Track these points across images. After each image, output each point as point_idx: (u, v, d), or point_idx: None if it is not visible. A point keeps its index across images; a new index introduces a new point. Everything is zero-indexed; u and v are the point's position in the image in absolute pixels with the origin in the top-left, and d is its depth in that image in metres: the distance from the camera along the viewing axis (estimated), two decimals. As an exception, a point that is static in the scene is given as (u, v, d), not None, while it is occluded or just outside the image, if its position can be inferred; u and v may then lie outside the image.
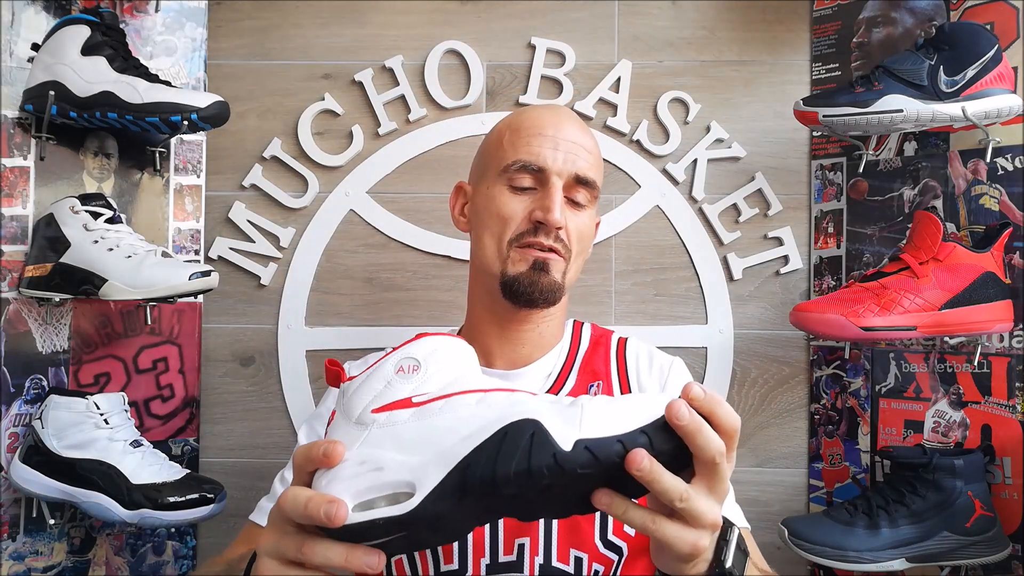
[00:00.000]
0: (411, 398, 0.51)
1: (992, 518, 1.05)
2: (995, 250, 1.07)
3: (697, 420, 0.47)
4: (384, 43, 1.33)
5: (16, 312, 1.10)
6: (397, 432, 0.50)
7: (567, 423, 0.47)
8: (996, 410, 1.11)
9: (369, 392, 0.52)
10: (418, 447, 0.48)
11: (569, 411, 0.48)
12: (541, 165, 0.82)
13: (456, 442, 0.48)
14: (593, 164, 0.86)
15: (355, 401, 0.52)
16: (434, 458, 0.47)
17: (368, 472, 0.48)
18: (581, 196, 0.85)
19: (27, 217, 1.11)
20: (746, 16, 1.33)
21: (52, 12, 1.15)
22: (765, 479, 1.29)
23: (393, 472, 0.48)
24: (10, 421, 1.08)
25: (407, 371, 0.52)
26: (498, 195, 0.85)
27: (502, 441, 0.47)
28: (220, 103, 1.09)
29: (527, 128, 0.85)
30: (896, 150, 1.23)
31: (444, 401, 0.50)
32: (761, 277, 1.31)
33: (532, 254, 0.82)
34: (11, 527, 1.08)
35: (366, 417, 0.51)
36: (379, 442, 0.50)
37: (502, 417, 0.48)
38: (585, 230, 0.86)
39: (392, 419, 0.50)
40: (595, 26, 1.33)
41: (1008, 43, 1.11)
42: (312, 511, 0.47)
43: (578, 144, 0.84)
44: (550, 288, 0.83)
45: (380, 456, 0.49)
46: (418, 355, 0.53)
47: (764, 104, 1.32)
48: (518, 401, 0.50)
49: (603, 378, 0.89)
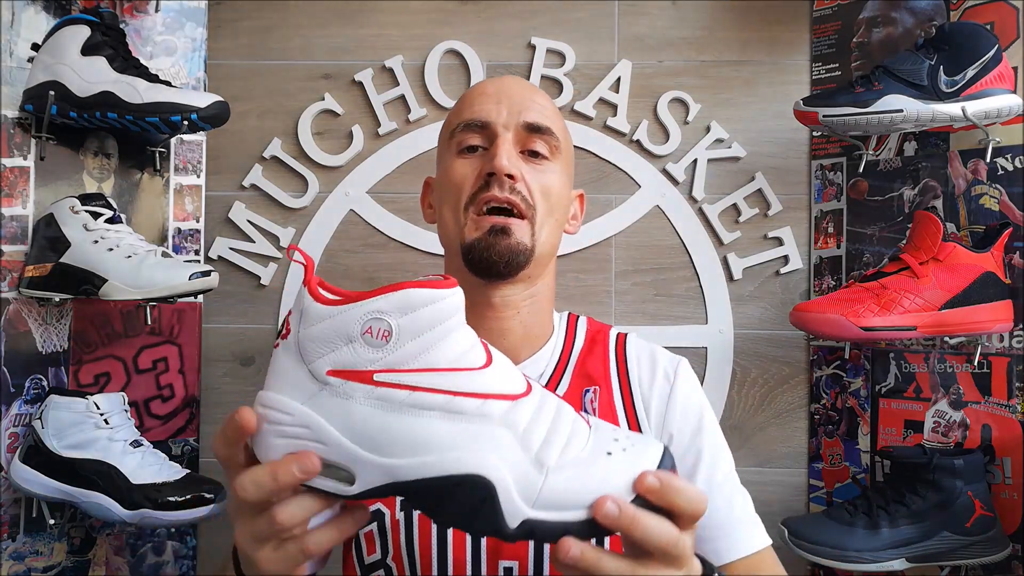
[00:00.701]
0: (373, 373, 0.45)
1: (992, 518, 1.05)
2: (995, 250, 1.07)
3: (630, 515, 0.43)
4: (384, 43, 1.33)
5: (16, 312, 1.10)
6: (349, 409, 0.45)
7: (523, 492, 0.44)
8: (996, 410, 1.11)
9: (329, 342, 0.45)
10: (366, 440, 0.44)
11: (532, 476, 0.44)
12: (484, 119, 0.78)
13: (405, 461, 0.44)
14: (547, 114, 0.80)
15: (313, 345, 0.46)
16: (379, 464, 0.44)
17: (310, 441, 0.45)
18: (540, 145, 0.78)
19: (27, 217, 1.11)
20: (746, 16, 1.33)
21: (52, 12, 1.15)
22: (765, 479, 1.29)
23: (334, 454, 0.45)
24: (10, 421, 1.08)
25: (374, 335, 0.45)
26: (450, 165, 0.80)
27: (450, 491, 0.44)
28: (220, 103, 1.09)
29: (469, 95, 0.83)
30: (896, 150, 1.23)
31: (408, 394, 0.45)
32: (761, 277, 1.31)
33: (489, 220, 0.75)
34: (11, 527, 1.08)
35: (320, 372, 0.45)
36: (328, 411, 0.45)
37: (458, 461, 0.43)
38: (551, 186, 0.78)
39: (347, 390, 0.45)
40: (595, 26, 1.33)
41: (1008, 43, 1.11)
42: (284, 477, 0.44)
43: (524, 96, 0.80)
44: (511, 251, 0.74)
45: (325, 430, 0.45)
46: (391, 317, 0.45)
47: (764, 104, 1.32)
48: (481, 436, 0.44)
49: (600, 382, 0.81)
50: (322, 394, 0.45)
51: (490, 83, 0.83)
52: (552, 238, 0.80)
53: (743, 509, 0.79)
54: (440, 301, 0.46)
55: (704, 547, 0.74)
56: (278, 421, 0.46)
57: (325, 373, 0.45)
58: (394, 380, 0.45)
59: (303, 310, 0.47)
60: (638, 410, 0.80)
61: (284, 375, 0.47)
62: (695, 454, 0.78)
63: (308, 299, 0.47)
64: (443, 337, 0.46)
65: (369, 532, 0.75)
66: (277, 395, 0.46)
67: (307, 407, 0.45)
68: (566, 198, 0.83)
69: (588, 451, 0.46)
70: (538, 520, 0.43)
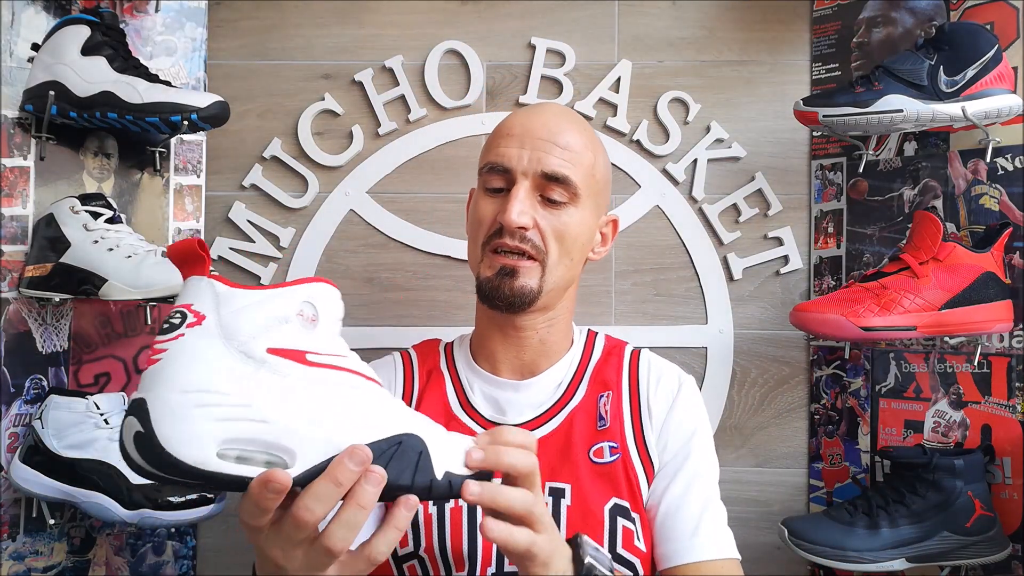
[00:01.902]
0: (306, 353, 0.47)
1: (992, 518, 1.05)
2: (995, 250, 1.07)
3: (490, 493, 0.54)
4: (384, 43, 1.33)
5: (16, 312, 1.10)
6: (288, 386, 0.46)
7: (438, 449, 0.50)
8: (996, 410, 1.11)
9: (264, 322, 0.47)
10: (305, 415, 0.46)
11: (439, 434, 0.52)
12: (506, 165, 0.81)
13: (345, 430, 0.46)
14: (569, 159, 0.82)
15: (245, 323, 0.47)
16: (319, 437, 0.46)
17: (251, 421, 0.45)
18: (556, 194, 0.81)
19: (27, 217, 1.11)
20: (746, 16, 1.33)
21: (52, 12, 1.15)
22: (765, 479, 1.29)
23: (276, 433, 0.45)
24: (10, 421, 1.08)
25: (306, 318, 0.48)
26: (478, 199, 0.85)
27: (395, 451, 0.47)
28: (220, 103, 1.09)
29: (500, 129, 0.85)
30: (896, 150, 1.23)
31: (334, 373, 0.48)
32: (761, 277, 1.31)
33: (500, 261, 0.81)
34: (11, 527, 1.08)
35: (257, 351, 0.46)
36: (267, 389, 0.46)
37: (391, 424, 0.48)
38: (567, 229, 0.82)
39: (285, 369, 0.46)
40: (595, 26, 1.33)
41: (1008, 43, 1.11)
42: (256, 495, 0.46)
43: (549, 141, 0.81)
44: (517, 293, 0.80)
45: (266, 407, 0.45)
46: (318, 305, 0.49)
47: (764, 104, 1.32)
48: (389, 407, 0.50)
49: (613, 388, 0.87)
50: (260, 373, 0.46)
51: (518, 121, 0.84)
52: (566, 274, 0.85)
53: (713, 520, 0.81)
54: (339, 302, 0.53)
55: (665, 547, 0.79)
56: (213, 403, 0.45)
57: (264, 351, 0.46)
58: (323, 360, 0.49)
59: (220, 297, 0.47)
60: (643, 415, 0.86)
61: (207, 360, 0.46)
62: (681, 459, 0.83)
63: (220, 286, 0.48)
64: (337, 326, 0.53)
65: None
66: (205, 376, 0.45)
67: (242, 385, 0.45)
68: (585, 235, 0.86)
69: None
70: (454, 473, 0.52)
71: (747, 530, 1.26)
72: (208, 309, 0.47)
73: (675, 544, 0.78)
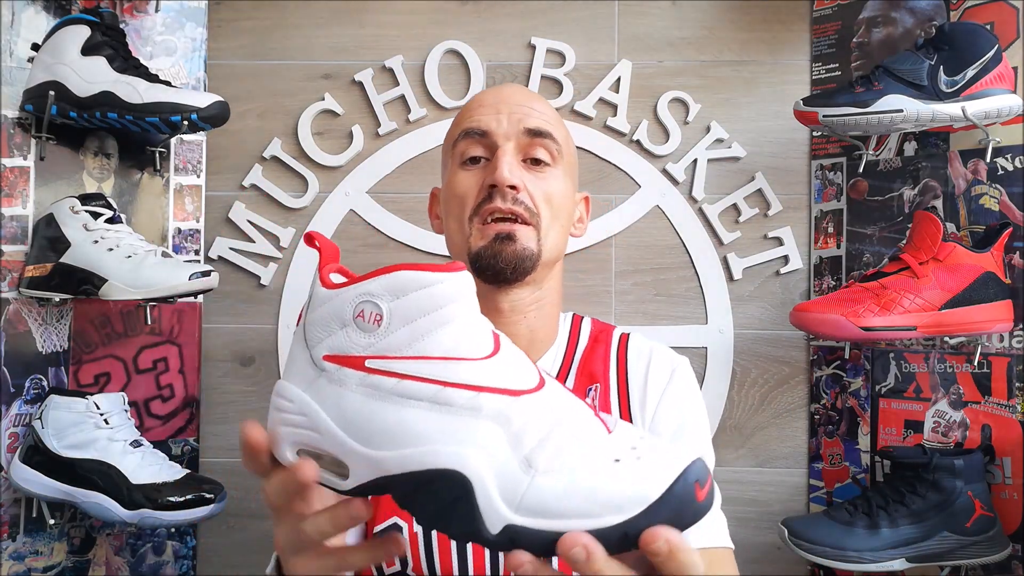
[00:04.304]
0: (364, 359, 0.43)
1: (992, 518, 1.05)
2: (995, 250, 1.07)
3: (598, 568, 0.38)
4: (384, 43, 1.33)
5: (16, 312, 1.10)
6: (341, 397, 0.43)
7: (505, 494, 0.39)
8: (996, 410, 1.11)
9: (325, 326, 0.44)
10: (356, 430, 0.42)
11: (517, 477, 0.40)
12: (484, 128, 0.79)
13: (388, 455, 0.41)
14: (547, 119, 0.81)
15: (314, 330, 0.45)
16: (366, 456, 0.42)
17: (308, 430, 0.44)
18: (541, 152, 0.79)
19: (27, 217, 1.11)
20: (746, 16, 1.33)
21: (52, 12, 1.15)
22: (765, 479, 1.29)
23: (327, 444, 0.43)
24: (10, 421, 1.08)
25: (366, 319, 0.43)
26: (453, 177, 0.81)
27: (425, 486, 0.41)
28: (220, 103, 1.09)
29: (468, 106, 0.84)
30: (896, 150, 1.23)
31: (396, 381, 0.42)
32: (761, 277, 1.31)
33: (494, 228, 0.77)
34: (11, 527, 1.08)
35: (318, 358, 0.44)
36: (323, 398, 0.43)
37: (436, 454, 0.40)
38: (554, 192, 0.80)
39: (341, 377, 0.43)
40: (595, 26, 1.33)
41: (1008, 43, 1.11)
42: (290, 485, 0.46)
43: (523, 104, 0.80)
44: (518, 256, 0.76)
45: (320, 418, 0.43)
46: (382, 301, 0.43)
47: (764, 104, 1.32)
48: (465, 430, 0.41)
49: (601, 380, 0.84)
50: (319, 380, 0.44)
51: (489, 93, 0.84)
52: (558, 243, 0.82)
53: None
54: (435, 285, 0.43)
55: None
56: (283, 408, 0.45)
57: (322, 358, 0.44)
58: (384, 367, 0.42)
59: (311, 295, 0.46)
60: (632, 406, 0.82)
61: (293, 361, 0.46)
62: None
63: (316, 284, 0.45)
64: (440, 324, 0.43)
65: None
66: (285, 382, 0.46)
67: (306, 394, 0.44)
68: (570, 202, 0.84)
69: (592, 456, 0.40)
70: (521, 527, 0.39)
71: (747, 530, 1.26)
72: (305, 307, 0.46)
73: None
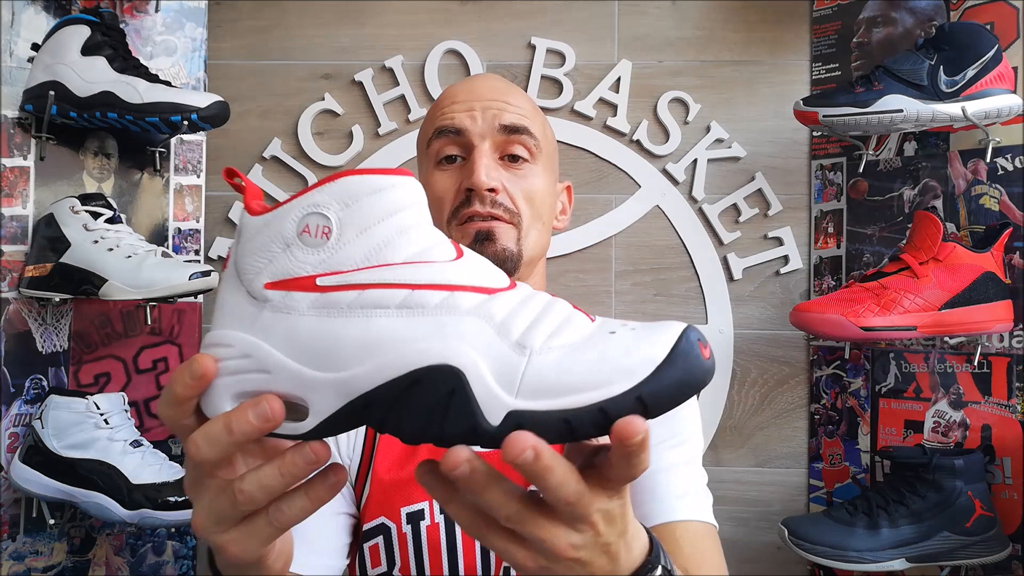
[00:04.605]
0: (315, 278, 0.38)
1: (992, 518, 1.05)
2: (995, 250, 1.07)
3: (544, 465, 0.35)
4: (384, 43, 1.33)
5: (16, 312, 1.10)
6: (292, 325, 0.38)
7: (502, 378, 0.36)
8: (996, 410, 1.11)
9: (263, 251, 0.39)
10: (314, 356, 0.37)
11: (511, 360, 0.36)
12: (458, 127, 0.76)
13: (359, 371, 0.37)
14: (524, 113, 0.78)
15: (248, 256, 0.39)
16: (331, 381, 0.37)
17: (253, 373, 0.38)
18: (518, 148, 0.77)
19: (27, 217, 1.11)
20: (746, 16, 1.33)
21: (52, 12, 1.15)
22: (765, 479, 1.29)
23: (280, 383, 0.38)
24: (10, 421, 1.08)
25: (313, 233, 0.38)
26: (429, 178, 0.79)
27: (410, 389, 0.36)
28: (220, 103, 1.09)
29: (442, 100, 0.81)
30: (896, 150, 1.23)
31: (357, 294, 0.38)
32: (761, 277, 1.31)
33: (474, 227, 0.74)
34: (11, 527, 1.08)
35: (257, 289, 0.39)
36: (268, 331, 0.38)
37: (420, 353, 0.36)
38: (534, 190, 0.77)
39: (288, 302, 0.38)
40: (595, 26, 1.33)
41: (1008, 43, 1.11)
42: (241, 427, 0.37)
43: (497, 99, 0.77)
44: (498, 257, 0.73)
45: (269, 354, 0.38)
46: (329, 210, 0.38)
47: (764, 104, 1.32)
48: (447, 326, 0.37)
49: None
50: (262, 315, 0.39)
51: (461, 88, 0.81)
52: (540, 240, 0.80)
53: (687, 481, 0.74)
54: (388, 190, 0.39)
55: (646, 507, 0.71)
56: (220, 357, 0.39)
57: (263, 288, 0.39)
58: (340, 282, 0.38)
59: (240, 230, 0.41)
60: None
61: (223, 307, 0.40)
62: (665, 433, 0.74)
63: (245, 216, 0.40)
64: (399, 232, 0.39)
65: (374, 545, 0.74)
66: (218, 330, 0.40)
67: (247, 333, 0.39)
68: (551, 197, 0.82)
69: (586, 333, 0.38)
70: (526, 411, 0.36)
71: (747, 530, 1.26)
72: (232, 246, 0.41)
73: (657, 504, 0.71)
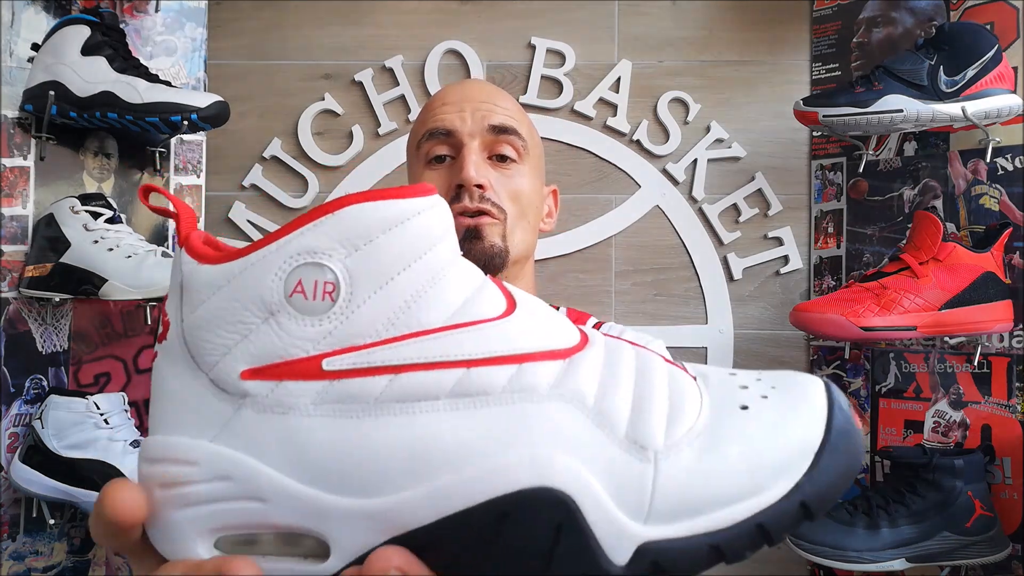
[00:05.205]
0: (320, 360, 0.26)
1: (992, 518, 1.05)
2: (995, 250, 1.07)
3: None
4: (384, 43, 1.33)
5: (16, 312, 1.10)
6: (290, 429, 0.26)
7: (624, 500, 0.26)
8: (996, 410, 1.11)
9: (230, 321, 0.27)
10: (331, 475, 0.26)
11: (631, 467, 0.26)
12: (448, 128, 0.79)
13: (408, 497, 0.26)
14: (512, 115, 0.81)
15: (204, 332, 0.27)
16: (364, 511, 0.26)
17: (238, 501, 0.26)
18: (506, 148, 0.79)
19: (27, 217, 1.11)
20: (746, 16, 1.33)
21: (52, 12, 1.15)
22: (765, 479, 1.29)
23: (284, 513, 0.26)
24: (10, 421, 1.08)
25: (310, 295, 0.26)
26: (419, 177, 0.82)
27: (496, 530, 0.25)
28: (220, 103, 1.09)
29: (433, 102, 0.84)
30: (896, 150, 1.23)
31: (388, 380, 0.26)
32: (761, 277, 1.31)
33: (462, 223, 0.76)
34: (11, 527, 1.08)
35: (227, 378, 0.27)
36: (253, 440, 0.26)
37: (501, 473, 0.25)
38: (521, 190, 0.80)
39: (282, 397, 0.26)
40: (595, 26, 1.33)
41: (1008, 43, 1.11)
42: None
43: (486, 101, 0.81)
44: (487, 253, 0.76)
45: (259, 475, 0.26)
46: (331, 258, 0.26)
47: (764, 104, 1.32)
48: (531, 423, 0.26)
49: None
50: (240, 416, 0.27)
51: (452, 90, 0.84)
52: (526, 239, 0.81)
53: None
54: (412, 220, 0.27)
55: None
56: (179, 480, 0.27)
57: (239, 377, 0.27)
58: (359, 364, 0.26)
59: (183, 282, 0.28)
60: None
61: (171, 399, 0.28)
62: None
63: (188, 262, 0.28)
64: (431, 281, 0.27)
65: None
66: (167, 437, 0.28)
67: (220, 444, 0.27)
68: (538, 198, 0.84)
69: (709, 413, 0.28)
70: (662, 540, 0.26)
71: (747, 530, 1.26)
72: (174, 306, 0.28)
73: None
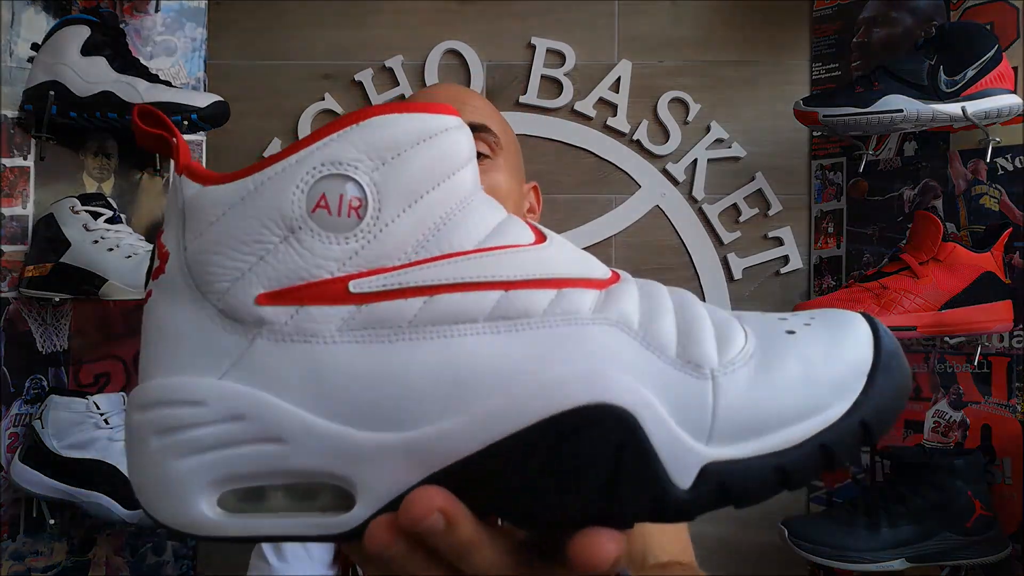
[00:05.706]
0: (347, 281, 0.24)
1: (992, 518, 1.05)
2: (995, 250, 1.07)
3: None
4: (384, 43, 1.33)
5: (16, 312, 1.10)
6: (314, 360, 0.24)
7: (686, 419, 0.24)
8: (996, 410, 1.11)
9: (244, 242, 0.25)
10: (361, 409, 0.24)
11: (690, 386, 0.24)
12: None
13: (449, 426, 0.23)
14: (481, 113, 0.82)
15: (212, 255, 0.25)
16: (398, 446, 0.23)
17: (253, 444, 0.24)
18: (479, 145, 0.79)
19: (27, 217, 1.11)
20: (746, 16, 1.33)
21: (52, 12, 1.15)
22: (765, 479, 1.29)
23: (307, 455, 0.24)
24: (10, 421, 1.08)
25: (335, 210, 0.24)
26: None
27: (553, 450, 0.23)
28: (220, 103, 1.09)
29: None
30: (896, 150, 1.23)
31: (423, 302, 0.24)
32: (761, 277, 1.31)
33: None
34: (11, 527, 1.08)
35: (239, 305, 0.24)
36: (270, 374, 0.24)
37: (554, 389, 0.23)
38: (497, 186, 0.79)
39: (303, 324, 0.24)
40: (595, 26, 1.33)
41: (1008, 43, 1.11)
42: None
43: (453, 101, 0.81)
44: None
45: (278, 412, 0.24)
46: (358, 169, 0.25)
47: (764, 104, 1.32)
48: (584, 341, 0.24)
49: None
50: (254, 348, 0.24)
51: (421, 96, 0.85)
52: None
53: None
54: (440, 136, 0.26)
55: None
56: (181, 423, 0.24)
57: (253, 303, 0.24)
58: (389, 285, 0.24)
59: (184, 207, 0.26)
60: None
61: (172, 338, 0.25)
62: None
63: (192, 186, 0.26)
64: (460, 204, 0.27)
65: None
66: (164, 379, 0.25)
67: (231, 380, 0.24)
68: (516, 193, 0.84)
69: (756, 340, 0.26)
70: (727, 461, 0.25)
71: (747, 530, 1.26)
72: (172, 236, 0.25)
73: None
